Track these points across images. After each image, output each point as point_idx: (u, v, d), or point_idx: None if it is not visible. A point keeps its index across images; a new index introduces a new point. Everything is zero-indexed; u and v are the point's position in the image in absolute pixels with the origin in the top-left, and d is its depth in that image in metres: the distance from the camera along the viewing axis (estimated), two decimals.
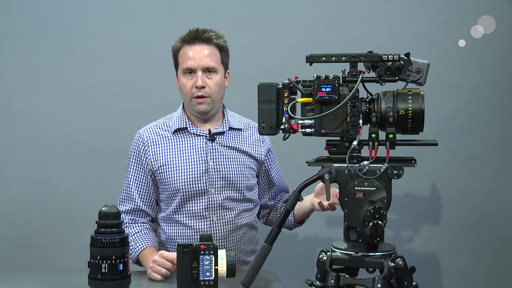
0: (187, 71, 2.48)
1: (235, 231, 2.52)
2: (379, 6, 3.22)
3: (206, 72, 2.47)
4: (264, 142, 2.66)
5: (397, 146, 1.94)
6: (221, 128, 2.55)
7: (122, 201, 2.56)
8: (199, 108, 2.49)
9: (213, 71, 2.47)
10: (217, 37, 2.50)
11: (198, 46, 2.48)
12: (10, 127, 3.25)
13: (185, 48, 2.49)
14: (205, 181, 2.48)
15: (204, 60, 2.46)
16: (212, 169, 2.49)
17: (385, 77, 1.95)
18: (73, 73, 3.25)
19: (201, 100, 2.47)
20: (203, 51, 2.47)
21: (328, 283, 1.91)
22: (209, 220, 2.49)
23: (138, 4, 3.25)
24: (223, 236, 2.50)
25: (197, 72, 2.46)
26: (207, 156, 2.50)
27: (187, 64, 2.47)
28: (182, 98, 2.57)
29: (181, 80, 2.50)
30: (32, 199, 3.25)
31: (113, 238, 1.97)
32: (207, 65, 2.46)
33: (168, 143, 2.53)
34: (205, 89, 2.46)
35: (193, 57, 2.46)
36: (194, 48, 2.48)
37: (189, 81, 2.47)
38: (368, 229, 1.85)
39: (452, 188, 3.25)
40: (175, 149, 2.52)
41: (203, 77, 2.46)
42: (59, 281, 2.22)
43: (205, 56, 2.46)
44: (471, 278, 3.26)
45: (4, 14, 3.24)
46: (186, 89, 2.48)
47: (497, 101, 3.22)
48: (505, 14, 3.18)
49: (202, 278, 1.95)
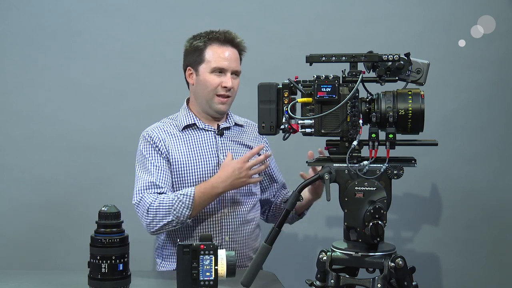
0: (218, 70, 2.52)
1: (244, 225, 2.54)
2: (379, 6, 3.22)
3: (233, 74, 2.54)
4: (263, 139, 2.72)
5: (397, 146, 1.94)
6: (228, 123, 2.62)
7: (141, 190, 2.45)
8: (220, 108, 2.54)
9: (237, 75, 2.57)
10: (243, 44, 2.60)
11: (231, 48, 2.55)
12: (10, 127, 3.25)
13: (219, 48, 2.53)
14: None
15: (235, 63, 2.55)
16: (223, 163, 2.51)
17: (385, 77, 1.95)
18: (73, 73, 3.25)
19: (225, 100, 2.53)
20: (235, 55, 2.56)
21: (328, 283, 1.91)
22: (220, 213, 2.50)
23: (138, 4, 3.25)
24: (233, 230, 2.51)
25: (227, 73, 2.52)
26: (218, 150, 2.54)
27: (221, 64, 2.51)
28: (198, 94, 2.55)
29: (207, 77, 2.52)
30: (32, 199, 3.24)
31: (113, 238, 1.97)
32: (237, 69, 2.56)
33: (178, 140, 2.54)
34: (231, 91, 2.54)
35: (228, 58, 2.52)
36: (228, 49, 2.54)
37: (217, 79, 2.52)
38: (368, 229, 1.85)
39: (452, 188, 3.25)
40: (185, 145, 2.54)
41: (231, 78, 2.52)
42: (59, 281, 2.22)
43: (236, 59, 2.55)
44: (471, 278, 3.26)
45: (4, 14, 3.24)
46: (212, 86, 2.51)
47: (497, 101, 3.22)
48: (505, 14, 3.18)
49: (202, 278, 1.95)
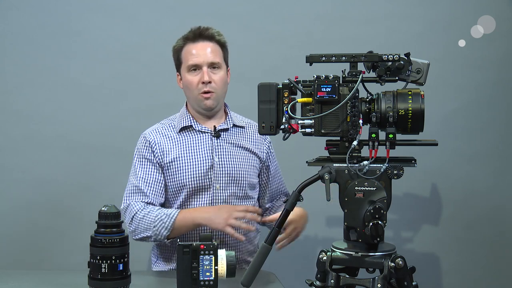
0: (193, 67, 2.51)
1: (238, 228, 2.52)
2: (379, 6, 3.22)
3: (211, 68, 2.51)
4: (266, 140, 2.69)
5: (397, 146, 1.94)
6: (226, 125, 2.59)
7: (129, 195, 2.49)
8: (206, 104, 2.51)
9: (217, 66, 2.51)
10: (218, 34, 2.55)
11: (201, 43, 2.52)
12: (10, 127, 3.25)
13: (189, 46, 2.53)
14: (211, 177, 2.50)
15: (208, 56, 2.50)
16: (218, 165, 2.51)
17: (385, 77, 1.95)
18: (73, 73, 3.25)
19: (208, 95, 2.50)
20: (207, 48, 2.51)
21: (328, 283, 1.91)
22: None
23: (138, 4, 3.25)
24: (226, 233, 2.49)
25: (203, 68, 2.49)
26: (213, 152, 2.53)
27: (192, 61, 2.50)
28: (187, 96, 2.58)
29: (187, 78, 2.52)
30: (32, 199, 3.24)
31: (113, 238, 1.97)
32: (212, 61, 2.50)
33: (174, 142, 2.55)
34: (211, 84, 2.50)
35: (198, 54, 2.50)
36: (197, 45, 2.51)
37: (195, 77, 2.50)
38: (368, 229, 1.85)
39: (452, 188, 3.25)
40: (181, 147, 2.54)
41: (209, 72, 2.49)
42: (59, 281, 2.22)
43: (209, 52, 2.50)
44: (471, 278, 3.26)
45: (4, 14, 3.23)
46: (193, 86, 2.51)
47: (497, 101, 3.22)
48: (505, 14, 3.18)
49: (202, 278, 1.94)
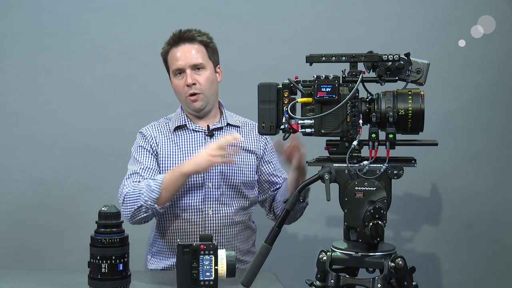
0: (177, 71, 2.54)
1: (229, 227, 2.53)
2: (379, 6, 3.22)
3: (195, 69, 2.53)
4: (263, 137, 2.67)
5: (397, 146, 1.94)
6: (220, 124, 2.60)
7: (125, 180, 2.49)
8: (194, 106, 2.54)
9: (201, 67, 2.53)
10: (200, 35, 2.56)
11: (182, 46, 2.54)
12: (10, 127, 3.25)
13: (172, 51, 2.56)
14: (203, 175, 2.50)
15: (190, 58, 2.52)
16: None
17: (385, 77, 1.95)
18: (73, 73, 3.25)
19: (194, 98, 2.53)
20: (189, 50, 2.53)
21: (328, 283, 1.91)
22: (204, 214, 2.50)
23: (138, 4, 3.25)
24: (217, 230, 2.51)
25: (186, 70, 2.52)
26: None
27: (175, 65, 2.54)
28: (179, 100, 2.62)
29: (174, 82, 2.57)
30: (32, 199, 3.24)
31: (113, 238, 1.97)
32: (194, 62, 2.52)
33: (169, 139, 2.58)
34: (196, 86, 2.52)
35: (180, 57, 2.53)
36: (179, 48, 2.54)
37: (180, 81, 2.54)
38: (368, 229, 1.84)
39: (452, 188, 3.25)
40: (174, 145, 2.56)
41: (192, 74, 2.52)
42: (59, 281, 2.22)
43: (191, 54, 2.53)
44: (471, 278, 3.26)
45: (4, 14, 3.23)
46: (179, 89, 2.55)
47: (497, 101, 3.22)
48: (505, 14, 3.18)
49: (202, 278, 1.95)
